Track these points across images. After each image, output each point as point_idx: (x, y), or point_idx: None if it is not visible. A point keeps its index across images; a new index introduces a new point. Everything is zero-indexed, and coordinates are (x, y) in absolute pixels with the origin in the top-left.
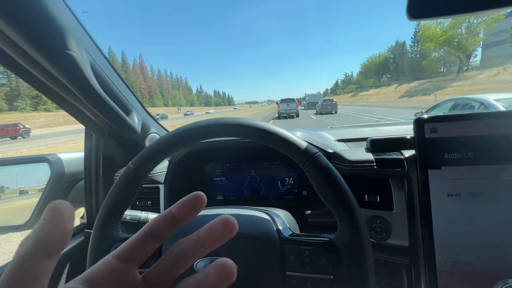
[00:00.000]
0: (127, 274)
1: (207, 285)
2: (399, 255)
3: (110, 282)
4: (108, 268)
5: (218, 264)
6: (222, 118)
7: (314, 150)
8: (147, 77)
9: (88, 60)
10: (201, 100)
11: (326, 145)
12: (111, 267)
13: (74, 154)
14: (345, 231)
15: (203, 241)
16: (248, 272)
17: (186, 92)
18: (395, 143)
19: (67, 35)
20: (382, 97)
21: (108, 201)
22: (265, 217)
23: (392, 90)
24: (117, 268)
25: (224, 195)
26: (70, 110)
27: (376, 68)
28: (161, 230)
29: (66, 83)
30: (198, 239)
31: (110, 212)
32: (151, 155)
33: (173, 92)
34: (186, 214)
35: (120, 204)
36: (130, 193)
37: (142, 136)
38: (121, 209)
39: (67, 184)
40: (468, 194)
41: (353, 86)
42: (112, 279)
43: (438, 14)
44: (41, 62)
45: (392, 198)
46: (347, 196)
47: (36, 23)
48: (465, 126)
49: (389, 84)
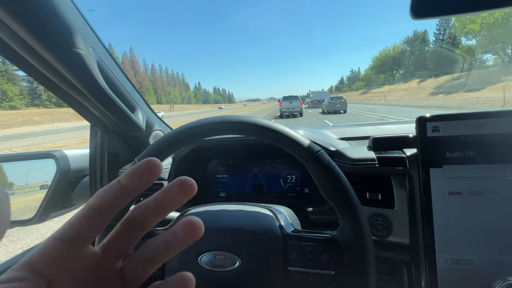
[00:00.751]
0: (77, 253)
1: (175, 243)
2: (399, 253)
3: (59, 262)
4: (54, 249)
5: (184, 221)
6: (226, 116)
7: (317, 148)
8: (138, 72)
9: (95, 58)
10: (199, 97)
11: (328, 143)
12: (56, 247)
13: (79, 151)
14: (347, 227)
15: (160, 204)
16: (251, 266)
17: (183, 88)
18: (397, 142)
19: (74, 34)
20: (403, 94)
21: None
22: (268, 213)
23: (415, 86)
24: (62, 247)
25: (227, 192)
26: (76, 107)
27: (390, 62)
28: (107, 203)
29: (73, 81)
30: (154, 202)
31: None
32: (157, 151)
33: (167, 89)
34: (137, 184)
35: None
36: None
37: (146, 133)
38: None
39: (72, 180)
40: (469, 192)
41: (361, 83)
42: (62, 260)
43: (442, 13)
44: (49, 59)
45: (394, 196)
46: (349, 193)
47: (44, 21)
48: (467, 125)
49: (405, 79)
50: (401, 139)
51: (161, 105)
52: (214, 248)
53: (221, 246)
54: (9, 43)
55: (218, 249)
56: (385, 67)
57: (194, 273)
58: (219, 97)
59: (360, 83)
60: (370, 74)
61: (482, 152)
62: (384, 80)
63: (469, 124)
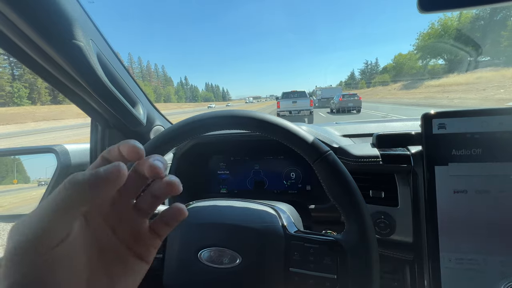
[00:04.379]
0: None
1: (172, 183)
2: (402, 251)
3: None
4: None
5: (171, 207)
6: (234, 110)
7: (325, 148)
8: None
9: (95, 51)
10: (182, 94)
11: (331, 140)
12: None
13: (80, 145)
14: (352, 232)
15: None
16: (251, 265)
17: (160, 83)
18: (402, 139)
19: (74, 25)
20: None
21: None
22: (272, 212)
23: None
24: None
25: (228, 188)
26: (76, 101)
27: (450, 37)
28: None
29: (72, 73)
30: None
31: None
32: (161, 144)
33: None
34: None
35: None
36: None
37: (147, 129)
38: None
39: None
40: (475, 191)
41: (386, 76)
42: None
43: (450, 7)
44: (49, 52)
45: (397, 194)
46: (357, 199)
47: (43, 12)
48: (475, 122)
49: (466, 68)
50: (406, 136)
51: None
52: (215, 244)
53: (223, 242)
54: (9, 35)
55: (219, 245)
56: (439, 49)
57: (193, 268)
58: (210, 95)
59: (386, 76)
60: (408, 60)
61: (489, 150)
62: (428, 71)
63: (476, 121)
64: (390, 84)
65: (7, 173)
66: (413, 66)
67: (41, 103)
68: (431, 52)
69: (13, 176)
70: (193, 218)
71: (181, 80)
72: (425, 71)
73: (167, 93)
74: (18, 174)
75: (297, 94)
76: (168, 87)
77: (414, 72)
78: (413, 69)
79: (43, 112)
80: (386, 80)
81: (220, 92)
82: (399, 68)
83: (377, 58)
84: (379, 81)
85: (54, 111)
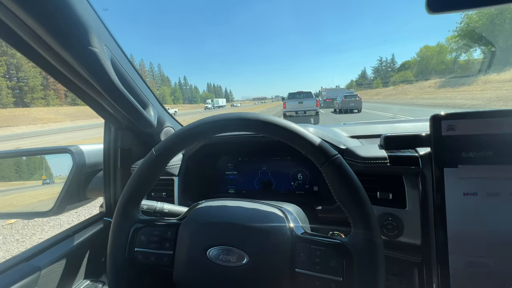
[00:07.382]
0: None
1: None
2: (410, 253)
3: None
4: None
5: None
6: (243, 113)
7: (333, 152)
8: None
9: (109, 56)
10: (178, 95)
11: (339, 142)
12: None
13: (94, 146)
14: (359, 236)
15: None
16: (258, 264)
17: (155, 83)
18: (410, 140)
19: (90, 33)
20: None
21: (131, 184)
22: (279, 213)
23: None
24: None
25: (236, 188)
26: (91, 103)
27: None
28: None
29: (88, 78)
30: None
31: (132, 194)
32: (174, 144)
33: None
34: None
35: (142, 187)
36: (151, 178)
37: (158, 130)
38: (142, 192)
39: (87, 174)
40: (485, 194)
41: (409, 73)
42: None
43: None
44: (66, 58)
45: (405, 195)
46: (365, 203)
47: (62, 21)
48: (486, 124)
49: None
50: (414, 137)
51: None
52: (223, 243)
53: (231, 241)
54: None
55: (228, 244)
56: (491, 35)
57: (202, 267)
58: (212, 95)
59: (408, 72)
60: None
61: (500, 152)
62: (477, 67)
63: (486, 123)
64: (419, 81)
65: (35, 170)
66: (443, 60)
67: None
68: (479, 38)
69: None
70: (202, 217)
71: (180, 80)
72: (456, 66)
73: (161, 93)
74: (46, 172)
75: (303, 95)
76: (163, 87)
77: (443, 67)
78: (442, 64)
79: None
80: (408, 77)
81: (223, 93)
82: (425, 63)
83: (393, 54)
84: (400, 79)
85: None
